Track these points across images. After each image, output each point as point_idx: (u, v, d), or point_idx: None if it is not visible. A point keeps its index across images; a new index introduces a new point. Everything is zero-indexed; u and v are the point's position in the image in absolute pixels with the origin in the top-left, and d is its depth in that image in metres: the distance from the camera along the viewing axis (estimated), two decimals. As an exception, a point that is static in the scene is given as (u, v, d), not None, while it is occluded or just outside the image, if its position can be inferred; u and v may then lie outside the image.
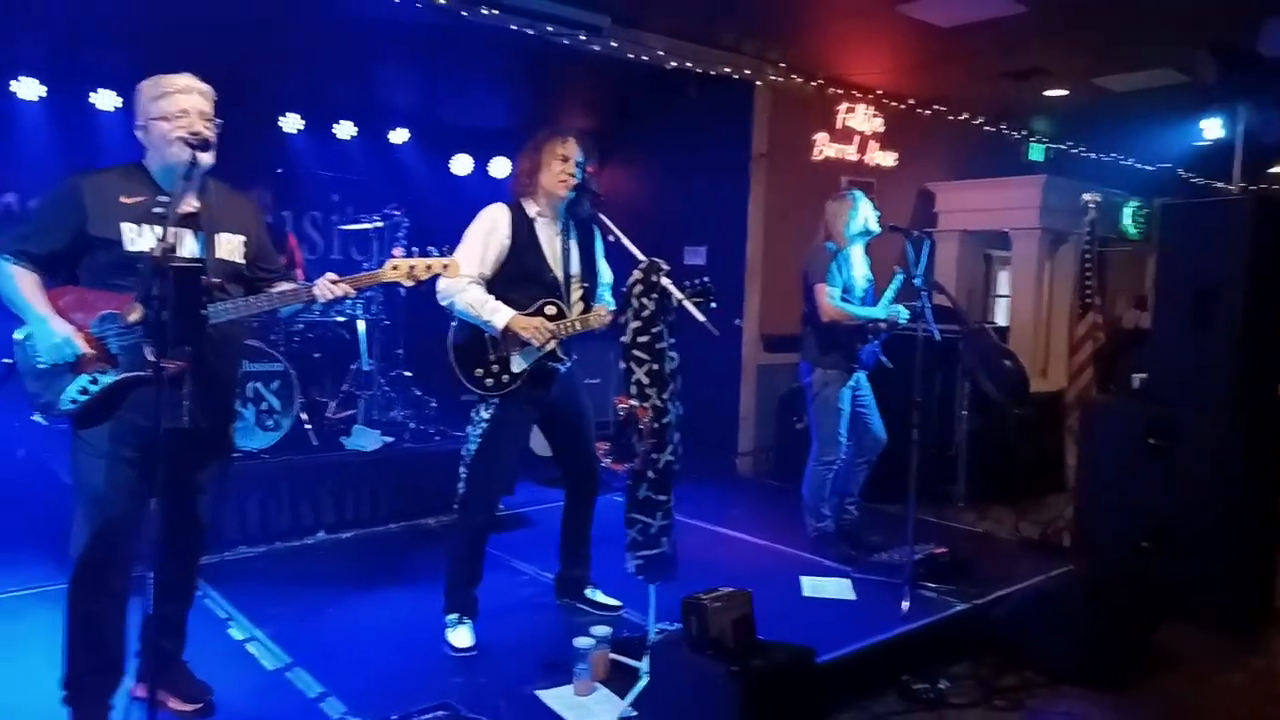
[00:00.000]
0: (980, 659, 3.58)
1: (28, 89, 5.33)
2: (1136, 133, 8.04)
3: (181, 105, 2.44)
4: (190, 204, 2.49)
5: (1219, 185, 9.29)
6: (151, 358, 2.32)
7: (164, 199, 2.43)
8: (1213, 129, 6.92)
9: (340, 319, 5.46)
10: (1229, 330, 4.09)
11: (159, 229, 2.39)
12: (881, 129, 7.12)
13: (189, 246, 2.48)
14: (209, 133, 2.44)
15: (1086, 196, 5.82)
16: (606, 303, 3.56)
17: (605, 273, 3.61)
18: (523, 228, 3.35)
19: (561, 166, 3.34)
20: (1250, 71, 4.38)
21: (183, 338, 2.19)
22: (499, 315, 3.24)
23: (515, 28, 5.03)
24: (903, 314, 4.33)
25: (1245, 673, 3.66)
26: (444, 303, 3.27)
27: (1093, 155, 8.80)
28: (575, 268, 3.46)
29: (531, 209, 3.39)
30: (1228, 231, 4.13)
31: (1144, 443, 4.24)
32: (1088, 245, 5.87)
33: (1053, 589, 3.80)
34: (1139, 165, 9.04)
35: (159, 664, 2.55)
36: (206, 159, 2.44)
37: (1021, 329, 7.14)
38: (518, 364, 3.30)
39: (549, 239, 3.40)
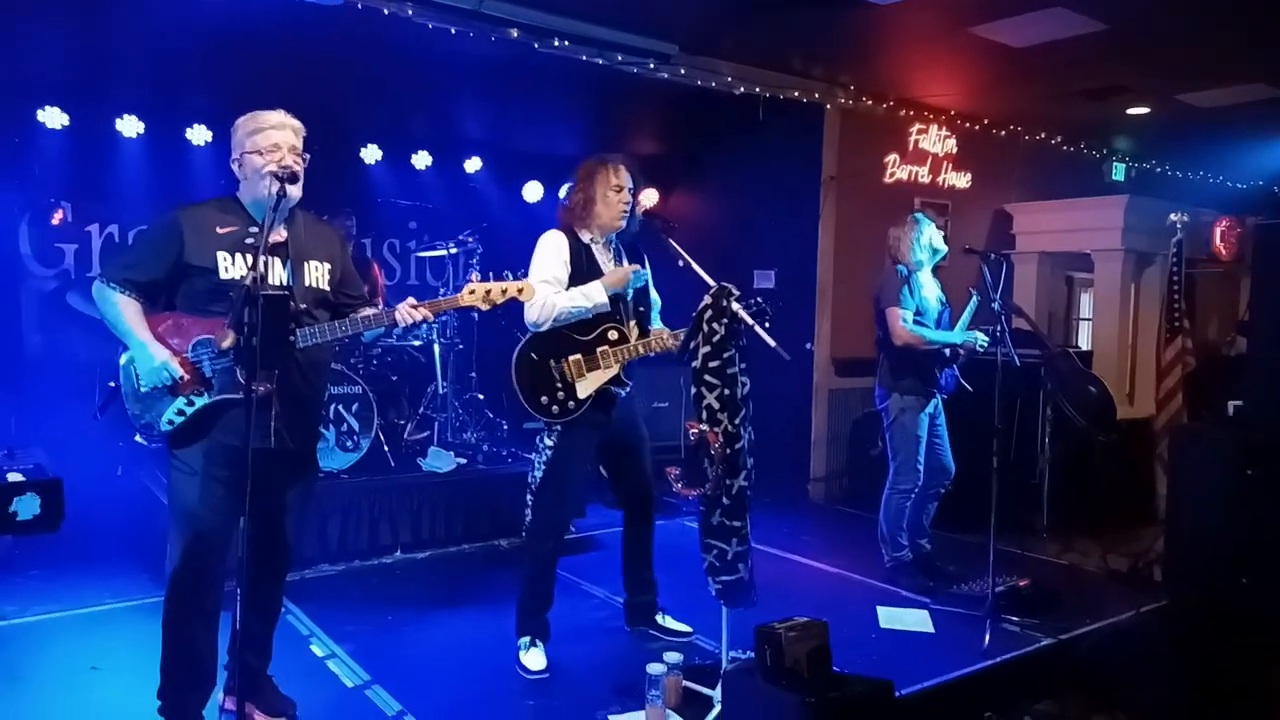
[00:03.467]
0: (1067, 697, 3.45)
1: (129, 126, 5.64)
2: (1227, 150, 7.72)
3: (274, 140, 2.56)
4: (279, 233, 2.59)
5: (1319, 203, 8.87)
6: (243, 381, 2.43)
7: (255, 229, 2.54)
8: (1309, 145, 6.63)
9: (416, 343, 5.60)
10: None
11: (250, 257, 2.50)
12: (955, 150, 7.00)
13: (278, 274, 2.58)
14: (298, 166, 2.55)
15: (1173, 216, 5.62)
16: (660, 326, 3.57)
17: (655, 296, 3.63)
18: (580, 255, 3.39)
19: (617, 197, 3.37)
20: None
21: (271, 362, 2.27)
22: (593, 290, 3.28)
23: (585, 58, 5.12)
24: (980, 339, 4.21)
25: (1358, 719, 3.43)
26: (543, 324, 3.27)
27: (1179, 174, 8.49)
28: (631, 291, 3.47)
29: (585, 236, 3.43)
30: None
31: (1240, 472, 4.04)
32: (1175, 267, 5.66)
33: (1143, 625, 3.63)
34: (1230, 183, 8.69)
35: (246, 678, 2.64)
36: (295, 191, 2.54)
37: (1106, 353, 6.89)
38: (584, 389, 3.32)
39: (605, 264, 3.43)
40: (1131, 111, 6.83)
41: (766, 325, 3.11)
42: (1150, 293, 7.11)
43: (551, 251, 3.38)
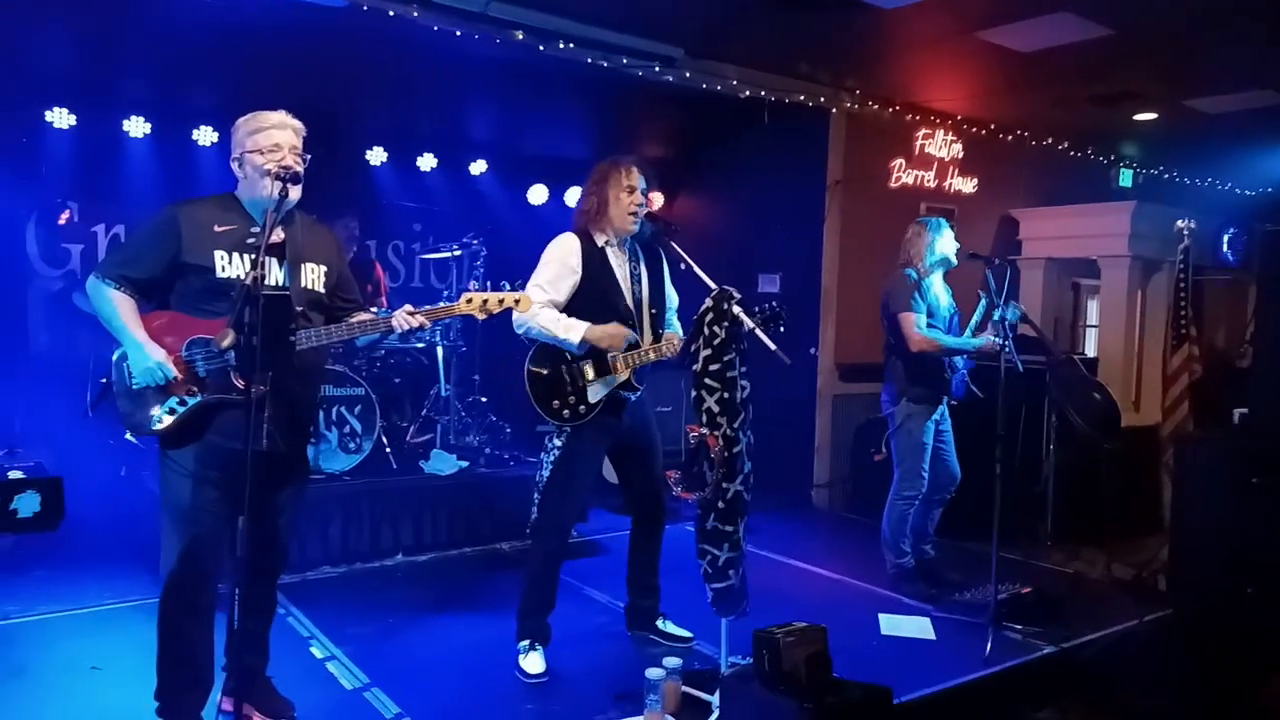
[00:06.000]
0: (1067, 706, 3.42)
1: (136, 127, 5.66)
2: (1234, 156, 7.68)
3: (275, 140, 2.56)
4: (278, 234, 2.58)
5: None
6: (238, 382, 2.43)
7: (255, 229, 2.54)
8: (1317, 152, 6.59)
9: (420, 345, 5.60)
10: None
11: (249, 257, 2.50)
12: (961, 155, 6.98)
13: (275, 275, 2.58)
14: (298, 166, 2.55)
15: (1180, 223, 5.58)
16: (674, 328, 3.57)
17: (673, 296, 3.62)
18: (594, 257, 3.38)
19: (629, 199, 3.36)
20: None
21: (271, 363, 2.27)
22: (574, 330, 3.27)
23: (590, 61, 5.12)
24: (995, 339, 4.13)
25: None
26: (521, 331, 3.32)
27: (1187, 180, 8.45)
28: (646, 293, 3.47)
29: (600, 239, 3.42)
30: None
31: (1244, 481, 4.01)
32: (1182, 274, 5.63)
33: (1146, 635, 3.61)
34: (1238, 190, 8.64)
35: (244, 679, 2.63)
36: (295, 192, 2.54)
37: (1112, 360, 6.86)
38: (594, 393, 3.32)
39: (619, 266, 3.43)
40: (1139, 117, 6.81)
41: (781, 329, 3.10)
42: (1157, 300, 7.08)
43: (555, 257, 3.37)
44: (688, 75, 5.55)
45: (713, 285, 3.09)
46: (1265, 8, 4.56)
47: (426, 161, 6.84)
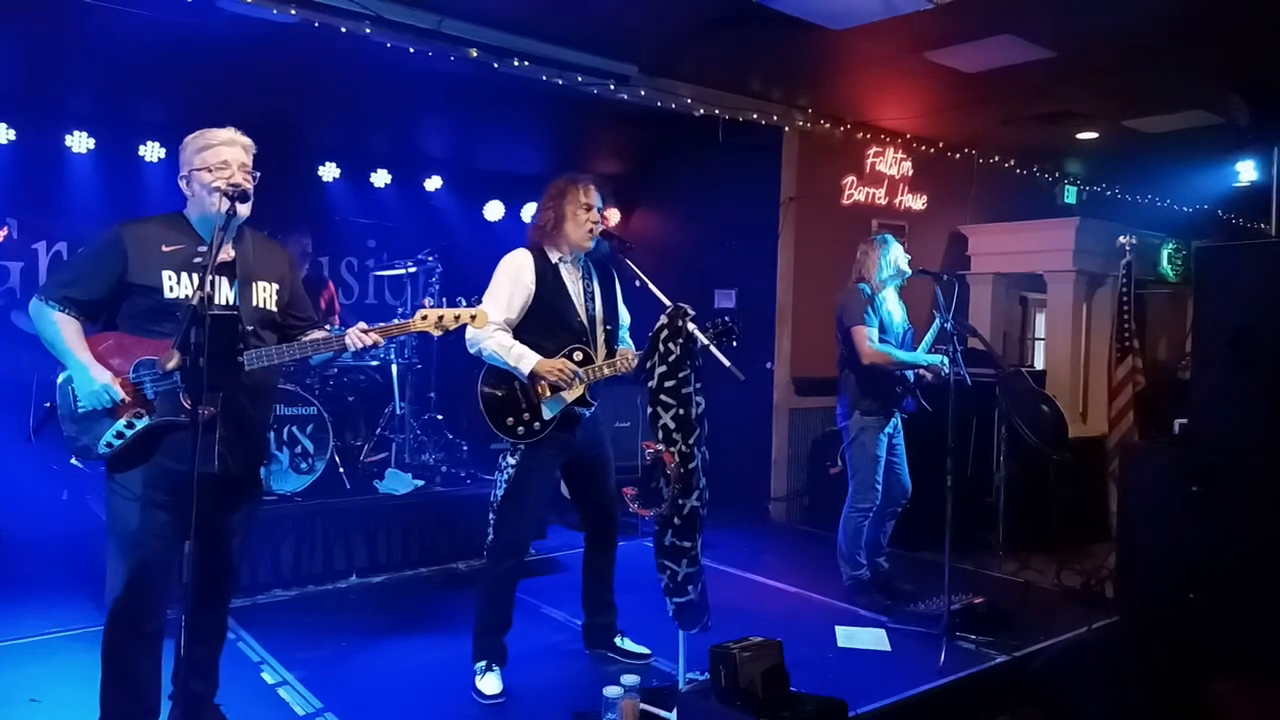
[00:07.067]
0: (1020, 713, 3.48)
1: (79, 142, 5.54)
2: (1172, 174, 7.96)
3: (223, 157, 2.52)
4: (228, 252, 2.55)
5: (1262, 226, 9.14)
6: (186, 403, 2.38)
7: (203, 248, 2.50)
8: (1248, 171, 6.86)
9: (374, 363, 5.53)
10: (1270, 373, 3.99)
11: (197, 276, 2.46)
12: (911, 172, 7.13)
13: (224, 294, 2.54)
14: (247, 184, 2.52)
15: (1122, 239, 5.76)
16: (627, 344, 3.58)
17: (624, 314, 3.63)
18: (547, 273, 3.38)
19: (586, 216, 3.38)
20: (1283, 113, 4.34)
21: (218, 384, 2.23)
22: (525, 361, 3.26)
23: (546, 78, 5.14)
24: (945, 362, 4.23)
25: (1302, 731, 3.51)
26: (473, 350, 3.31)
27: (1128, 197, 8.71)
28: (599, 310, 3.48)
29: (554, 255, 3.43)
30: (1265, 274, 4.06)
31: (1185, 489, 4.12)
32: (1124, 288, 5.80)
33: (1094, 641, 3.69)
34: (1176, 206, 8.94)
35: (192, 707, 2.57)
36: (244, 210, 2.50)
37: (1059, 372, 7.03)
38: (548, 411, 3.32)
39: (573, 283, 3.44)
40: (1081, 136, 7.02)
41: (733, 344, 3.13)
42: (1102, 313, 7.27)
43: (508, 273, 3.37)
44: (642, 93, 5.59)
45: (667, 302, 3.11)
46: (1197, 33, 4.74)
47: (380, 178, 6.79)
